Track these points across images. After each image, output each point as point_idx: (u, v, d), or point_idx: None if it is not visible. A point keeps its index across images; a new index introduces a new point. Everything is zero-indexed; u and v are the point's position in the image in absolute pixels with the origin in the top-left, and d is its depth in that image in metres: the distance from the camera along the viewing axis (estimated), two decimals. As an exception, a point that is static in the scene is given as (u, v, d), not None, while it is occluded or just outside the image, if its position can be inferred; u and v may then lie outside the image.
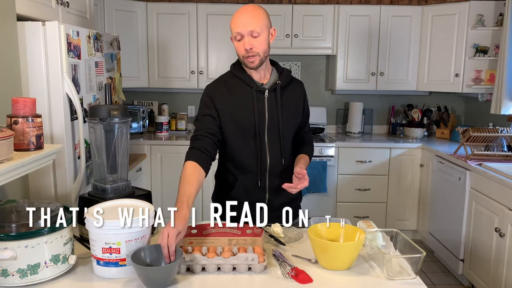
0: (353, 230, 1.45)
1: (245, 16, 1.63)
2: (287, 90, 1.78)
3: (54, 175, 2.12)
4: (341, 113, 4.49)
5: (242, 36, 1.63)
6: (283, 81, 1.76)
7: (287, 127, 1.77)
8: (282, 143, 1.76)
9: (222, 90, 1.74)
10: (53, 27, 2.03)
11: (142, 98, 4.41)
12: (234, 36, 1.66)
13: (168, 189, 3.87)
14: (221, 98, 1.72)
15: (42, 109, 2.03)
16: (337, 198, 3.92)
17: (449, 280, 3.32)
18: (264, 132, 1.74)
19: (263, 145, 1.75)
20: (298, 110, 1.83)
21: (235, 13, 1.67)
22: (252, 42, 1.63)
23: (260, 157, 1.75)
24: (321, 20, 3.97)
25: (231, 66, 1.81)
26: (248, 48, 1.63)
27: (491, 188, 2.79)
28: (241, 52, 1.67)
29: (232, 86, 1.75)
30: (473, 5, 3.69)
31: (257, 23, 1.63)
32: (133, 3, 3.86)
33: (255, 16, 1.63)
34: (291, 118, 1.79)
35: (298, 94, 1.84)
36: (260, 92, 1.73)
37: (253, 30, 1.62)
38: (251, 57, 1.65)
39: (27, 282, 1.24)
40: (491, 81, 3.67)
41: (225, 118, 1.72)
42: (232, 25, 1.66)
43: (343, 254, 1.35)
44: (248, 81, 1.73)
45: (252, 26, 1.62)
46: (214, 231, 1.47)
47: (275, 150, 1.76)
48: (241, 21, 1.63)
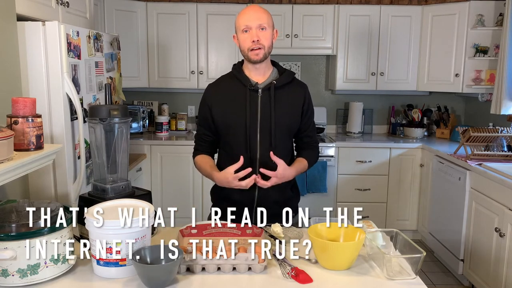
0: (353, 230, 1.45)
1: (254, 11, 1.73)
2: (285, 90, 1.80)
3: (54, 175, 2.12)
4: (341, 113, 4.49)
5: (250, 28, 1.71)
6: (280, 82, 1.79)
7: (280, 127, 1.78)
8: (273, 141, 1.77)
9: (217, 88, 1.84)
10: (53, 27, 2.03)
11: (142, 98, 4.41)
12: (241, 29, 1.72)
13: (168, 189, 3.87)
14: (215, 96, 1.82)
15: (42, 109, 2.03)
16: (337, 198, 3.92)
17: (449, 280, 3.32)
18: (256, 130, 1.77)
19: (254, 143, 1.77)
20: (295, 111, 1.83)
21: (243, 10, 1.77)
22: (260, 34, 1.71)
23: (250, 154, 1.77)
24: (321, 20, 3.97)
25: (233, 66, 1.87)
26: (256, 40, 1.70)
27: (491, 188, 2.79)
28: (247, 44, 1.72)
29: (228, 84, 1.82)
30: (473, 5, 3.69)
31: (265, 18, 1.73)
32: (133, 3, 3.86)
33: (263, 12, 1.74)
34: (286, 118, 1.80)
35: (298, 96, 1.84)
36: (254, 91, 1.77)
37: (262, 23, 1.71)
38: (256, 49, 1.71)
39: (27, 282, 1.24)
40: (491, 81, 3.67)
41: (218, 116, 1.80)
42: (239, 19, 1.74)
43: (343, 254, 1.35)
44: (243, 80, 1.78)
45: (261, 20, 1.71)
46: (214, 231, 1.47)
47: (266, 149, 1.77)
48: (250, 15, 1.72)
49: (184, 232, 1.46)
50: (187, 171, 3.85)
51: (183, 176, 3.86)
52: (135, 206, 1.39)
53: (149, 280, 1.23)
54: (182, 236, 1.45)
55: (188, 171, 3.85)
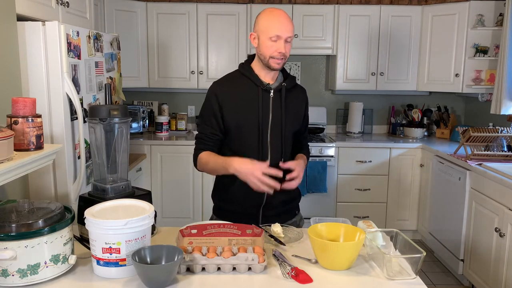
0: (353, 230, 1.45)
1: (287, 21, 1.71)
2: (291, 93, 1.83)
3: (54, 175, 2.12)
4: (341, 113, 4.49)
5: (279, 38, 1.69)
6: (288, 84, 1.81)
7: (289, 128, 1.81)
8: (283, 142, 1.79)
9: (227, 87, 1.79)
10: (53, 27, 2.03)
11: (142, 98, 4.41)
12: (270, 36, 1.69)
13: (168, 189, 3.87)
14: (226, 95, 1.77)
15: (42, 109, 2.04)
16: (337, 198, 3.92)
17: (449, 280, 3.32)
18: (267, 130, 1.77)
19: (265, 143, 1.77)
20: (298, 114, 1.88)
21: (273, 14, 1.72)
22: (286, 46, 1.71)
23: (262, 155, 1.76)
24: (321, 20, 3.97)
25: (240, 65, 1.85)
26: (283, 52, 1.70)
27: (491, 188, 2.79)
28: (271, 52, 1.70)
29: (238, 83, 1.79)
30: (473, 5, 3.69)
31: (293, 30, 1.73)
32: (133, 3, 3.86)
33: (292, 24, 1.73)
34: (293, 120, 1.84)
35: (300, 99, 1.90)
36: (265, 91, 1.77)
37: (290, 36, 1.71)
38: (280, 59, 1.71)
39: (27, 282, 1.24)
40: (491, 81, 3.67)
41: (229, 115, 1.76)
42: (271, 25, 1.69)
43: (343, 254, 1.35)
44: (255, 80, 1.77)
45: (291, 32, 1.71)
46: (214, 231, 1.47)
47: (276, 149, 1.78)
48: (282, 25, 1.69)
49: (184, 232, 1.46)
50: (187, 171, 3.85)
51: (183, 176, 3.86)
52: (135, 206, 1.39)
53: (149, 280, 1.23)
54: (182, 236, 1.45)
55: (188, 171, 3.85)
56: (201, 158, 1.78)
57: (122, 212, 1.34)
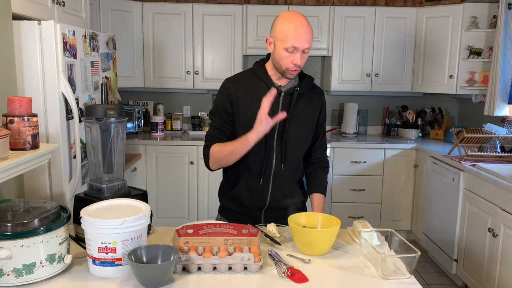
0: (329, 219, 1.55)
1: (307, 32, 1.63)
2: (304, 96, 1.77)
3: (49, 175, 2.11)
4: (336, 114, 4.51)
5: (296, 50, 1.62)
6: (302, 88, 1.75)
7: (292, 133, 1.74)
8: (286, 148, 1.74)
9: (239, 84, 1.75)
10: (49, 27, 2.03)
11: (137, 98, 4.40)
12: (286, 46, 1.61)
13: (163, 189, 3.87)
14: (237, 92, 1.73)
15: (37, 109, 2.03)
16: (332, 199, 3.93)
17: (442, 280, 3.34)
18: (274, 133, 1.72)
19: (271, 145, 1.74)
20: (311, 119, 1.80)
21: (292, 21, 1.64)
22: (302, 57, 1.64)
23: (267, 157, 1.74)
24: (317, 21, 3.98)
25: (254, 64, 1.81)
26: (299, 64, 1.64)
27: (485, 189, 2.82)
28: (287, 64, 1.64)
29: (250, 82, 1.75)
30: (467, 7, 3.72)
31: (311, 40, 1.65)
32: (129, 3, 3.86)
33: (311, 33, 1.65)
34: (301, 125, 1.77)
35: (315, 102, 1.82)
36: (276, 94, 1.69)
37: (308, 47, 1.63)
38: (295, 70, 1.66)
39: (23, 281, 1.23)
40: (484, 83, 3.70)
41: (240, 110, 1.72)
42: (288, 34, 1.61)
43: (320, 240, 1.45)
44: (267, 81, 1.73)
45: (309, 43, 1.63)
46: (210, 230, 1.47)
47: (280, 154, 1.75)
48: (301, 36, 1.61)
49: (180, 232, 1.47)
50: (182, 171, 3.85)
51: (178, 176, 3.86)
52: (131, 205, 1.39)
53: (145, 279, 1.23)
54: (178, 235, 1.46)
55: (183, 172, 3.85)
56: (214, 150, 1.72)
57: (118, 212, 1.34)
